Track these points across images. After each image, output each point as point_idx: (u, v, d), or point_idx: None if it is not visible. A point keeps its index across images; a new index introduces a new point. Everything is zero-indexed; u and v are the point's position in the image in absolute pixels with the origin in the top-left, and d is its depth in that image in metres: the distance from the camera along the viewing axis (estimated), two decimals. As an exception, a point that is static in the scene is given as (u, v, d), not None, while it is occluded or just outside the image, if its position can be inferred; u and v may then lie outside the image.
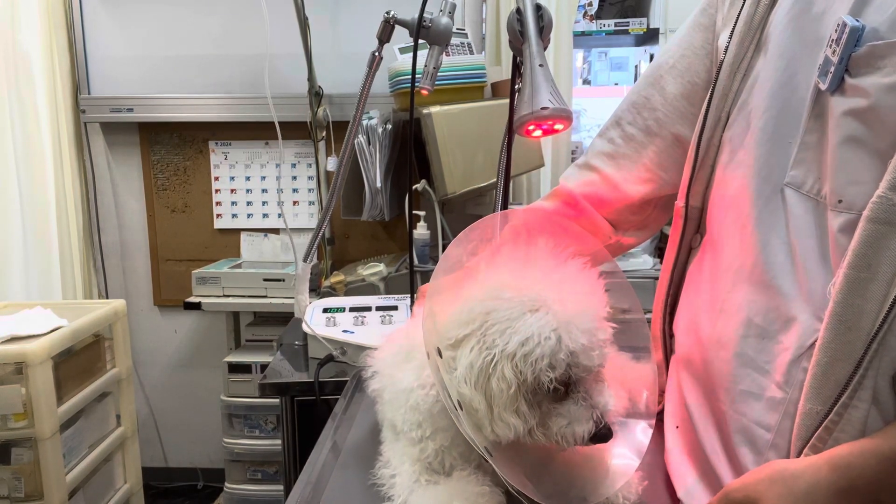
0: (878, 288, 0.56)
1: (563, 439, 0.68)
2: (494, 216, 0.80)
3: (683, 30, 0.90)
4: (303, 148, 2.49)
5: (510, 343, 0.64)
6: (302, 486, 0.82)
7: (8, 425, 1.64)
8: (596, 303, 0.68)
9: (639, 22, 2.60)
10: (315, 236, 1.53)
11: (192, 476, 2.78)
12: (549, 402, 0.68)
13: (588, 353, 0.65)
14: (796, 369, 0.64)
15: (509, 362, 0.64)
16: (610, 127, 0.98)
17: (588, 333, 0.65)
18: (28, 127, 2.19)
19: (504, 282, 0.68)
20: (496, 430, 0.67)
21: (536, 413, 0.68)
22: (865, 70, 0.59)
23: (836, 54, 0.61)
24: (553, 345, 0.64)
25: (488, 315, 0.67)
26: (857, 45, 0.59)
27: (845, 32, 0.59)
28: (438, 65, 1.25)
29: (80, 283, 2.42)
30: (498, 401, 0.66)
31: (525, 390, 0.66)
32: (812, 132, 0.66)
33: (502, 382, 0.65)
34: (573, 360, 0.65)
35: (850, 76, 0.60)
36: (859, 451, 0.57)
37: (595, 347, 0.66)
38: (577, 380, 0.67)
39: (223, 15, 2.40)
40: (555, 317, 0.65)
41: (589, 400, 0.67)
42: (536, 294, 0.66)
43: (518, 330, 0.65)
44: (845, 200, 0.61)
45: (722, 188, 0.79)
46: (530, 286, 0.67)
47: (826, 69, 0.62)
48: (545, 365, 0.64)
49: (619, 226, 1.01)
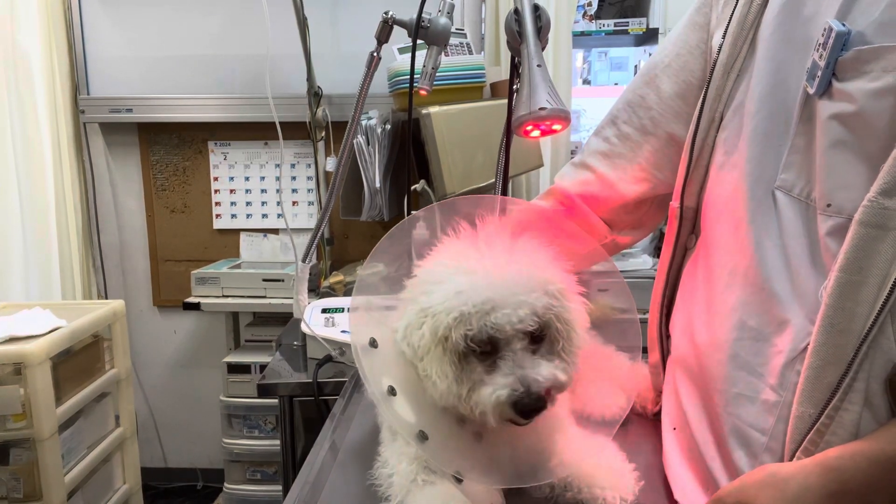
0: (868, 291, 0.56)
1: (489, 407, 0.66)
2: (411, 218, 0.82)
3: (679, 28, 0.90)
4: (302, 148, 2.49)
5: (430, 299, 0.68)
6: (300, 486, 0.82)
7: (7, 426, 1.64)
8: (532, 271, 0.69)
9: (638, 22, 2.60)
10: (314, 236, 1.53)
11: (191, 476, 2.78)
12: (481, 372, 0.68)
13: (500, 311, 0.65)
14: (790, 372, 0.64)
15: (430, 319, 0.68)
16: (605, 125, 0.98)
17: (503, 293, 0.66)
18: (27, 127, 2.19)
19: (450, 254, 0.72)
20: (428, 389, 0.69)
21: (468, 381, 0.68)
22: (852, 74, 0.59)
23: (822, 58, 0.61)
24: (463, 300, 0.66)
25: (422, 281, 0.71)
26: (844, 49, 0.59)
27: (832, 37, 0.59)
28: (437, 65, 1.24)
29: (80, 283, 2.42)
30: (422, 355, 0.68)
31: (451, 351, 0.67)
32: (801, 135, 0.66)
33: (424, 338, 0.68)
34: (488, 320, 0.66)
35: (837, 80, 0.60)
36: (850, 453, 0.57)
37: (510, 307, 0.66)
38: (505, 347, 0.67)
39: (222, 15, 2.40)
40: (471, 277, 0.67)
41: (519, 370, 0.66)
42: (468, 262, 0.69)
43: (439, 289, 0.68)
44: (834, 204, 0.61)
45: (716, 190, 0.79)
46: (470, 257, 0.70)
47: (814, 73, 0.62)
48: (451, 319, 0.66)
49: (614, 225, 1.01)
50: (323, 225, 1.52)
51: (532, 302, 0.67)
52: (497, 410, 0.66)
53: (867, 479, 0.56)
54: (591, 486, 0.74)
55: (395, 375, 0.73)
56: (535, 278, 0.68)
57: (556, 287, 0.70)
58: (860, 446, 0.57)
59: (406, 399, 0.73)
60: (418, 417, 0.71)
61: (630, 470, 0.77)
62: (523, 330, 0.67)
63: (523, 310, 0.66)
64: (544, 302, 0.68)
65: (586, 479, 0.74)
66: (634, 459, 0.79)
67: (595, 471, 0.75)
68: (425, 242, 0.77)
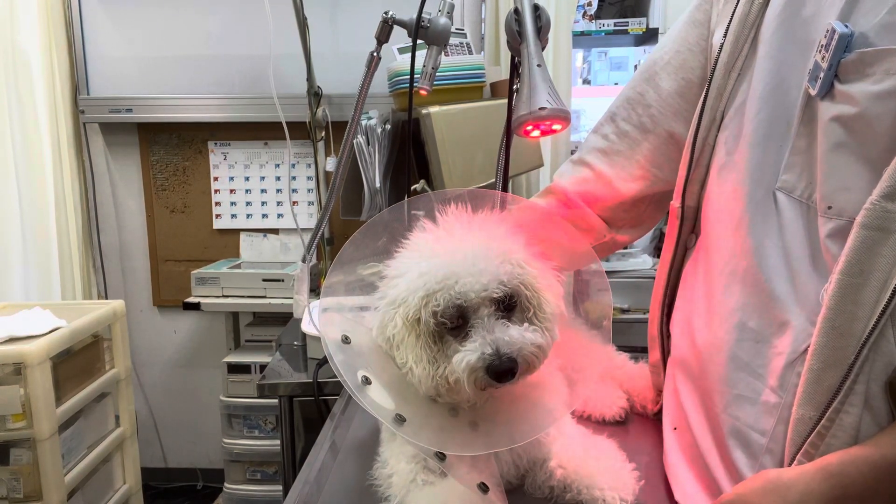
0: (869, 294, 0.56)
1: (462, 374, 0.67)
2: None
3: (678, 26, 0.90)
4: (302, 148, 2.49)
5: (397, 290, 0.70)
6: (300, 486, 0.82)
7: (7, 426, 1.64)
8: (491, 243, 0.70)
9: (638, 22, 2.60)
10: (314, 236, 1.52)
11: (191, 476, 2.78)
12: (455, 347, 0.69)
13: (463, 280, 0.67)
14: (790, 374, 0.64)
15: (401, 307, 0.70)
16: (604, 122, 0.98)
17: (464, 264, 0.68)
18: (27, 127, 2.19)
19: (413, 247, 0.74)
20: (410, 379, 0.70)
21: (444, 360, 0.69)
22: (855, 77, 0.59)
23: (825, 60, 0.60)
24: (427, 279, 0.68)
25: (389, 277, 0.74)
26: (847, 50, 0.59)
27: (834, 38, 0.59)
28: (437, 65, 1.24)
29: (79, 283, 2.42)
30: (398, 344, 0.70)
31: (425, 334, 0.69)
32: (802, 137, 0.66)
33: (397, 327, 0.70)
34: (453, 292, 0.67)
35: (839, 82, 0.60)
36: (851, 459, 0.57)
37: (472, 276, 0.67)
38: (474, 316, 0.68)
39: (221, 15, 2.40)
40: (432, 259, 0.69)
41: (489, 335, 0.67)
42: (430, 248, 0.71)
43: (404, 279, 0.71)
44: (835, 207, 0.61)
45: (716, 190, 0.78)
46: (431, 243, 0.72)
47: (816, 74, 0.62)
48: (418, 299, 0.68)
49: (612, 223, 1.01)
50: (323, 225, 1.52)
51: (493, 269, 0.68)
52: (470, 376, 0.67)
53: (869, 485, 0.56)
54: (590, 487, 0.74)
55: (378, 374, 0.74)
56: (494, 249, 0.70)
57: (518, 256, 0.71)
58: (861, 451, 0.57)
59: (395, 395, 0.74)
60: (409, 410, 0.72)
61: (630, 470, 0.76)
62: (489, 297, 0.68)
63: (485, 277, 0.68)
64: (507, 269, 0.69)
65: (586, 480, 0.74)
66: (635, 459, 0.79)
67: (595, 472, 0.75)
68: (385, 250, 0.79)
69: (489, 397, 0.73)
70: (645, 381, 0.99)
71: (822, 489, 0.57)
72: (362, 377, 0.72)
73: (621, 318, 2.25)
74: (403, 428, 0.70)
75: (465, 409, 0.74)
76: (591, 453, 0.77)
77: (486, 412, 0.74)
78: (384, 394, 0.73)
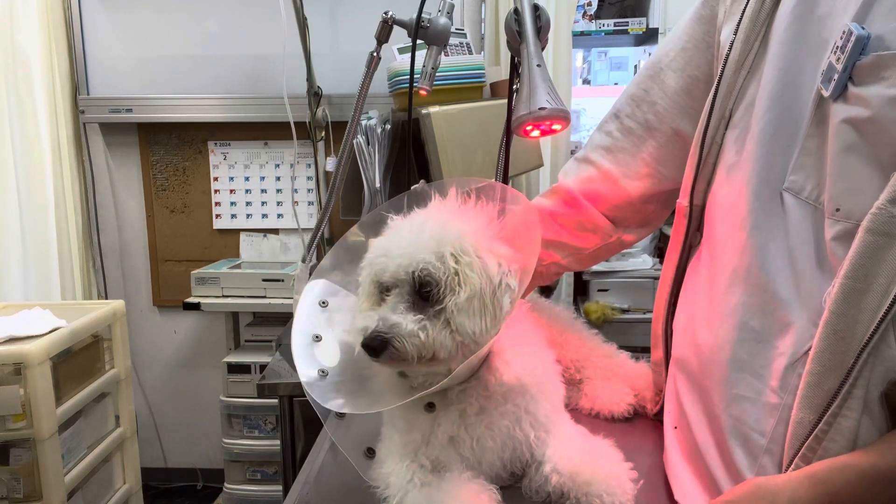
0: (872, 299, 0.56)
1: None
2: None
3: (684, 22, 0.89)
4: (302, 148, 2.49)
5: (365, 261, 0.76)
6: (300, 486, 0.82)
7: (6, 426, 1.64)
8: (437, 231, 0.72)
9: (638, 22, 2.60)
10: (314, 236, 1.52)
11: (191, 476, 2.78)
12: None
13: (384, 259, 0.71)
14: (792, 375, 0.64)
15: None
16: (608, 120, 0.97)
17: (398, 244, 0.71)
18: (27, 128, 2.19)
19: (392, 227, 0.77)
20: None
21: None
22: (869, 80, 0.58)
23: (840, 62, 0.60)
24: (373, 253, 0.74)
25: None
26: (863, 53, 0.58)
27: (851, 40, 0.58)
28: (437, 65, 1.24)
29: (79, 283, 2.42)
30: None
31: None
32: (813, 137, 0.65)
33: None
34: (377, 267, 0.72)
35: (853, 84, 0.59)
36: (840, 466, 0.57)
37: (394, 257, 0.70)
38: (388, 293, 0.72)
39: (221, 15, 2.40)
40: (386, 238, 0.74)
41: (378, 313, 0.71)
42: (393, 230, 0.75)
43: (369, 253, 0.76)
44: (843, 209, 0.60)
45: (722, 189, 0.78)
46: (398, 226, 0.76)
47: (829, 76, 0.61)
48: (366, 265, 0.74)
49: (618, 223, 1.00)
50: (323, 225, 1.52)
51: (414, 254, 0.70)
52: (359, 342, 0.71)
53: (855, 493, 0.56)
54: (588, 494, 0.73)
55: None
56: (430, 236, 0.71)
57: (457, 246, 0.70)
58: (850, 459, 0.57)
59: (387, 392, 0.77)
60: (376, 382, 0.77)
61: (627, 472, 0.76)
62: (399, 279, 0.71)
63: (402, 260, 0.70)
64: (429, 258, 0.70)
65: (583, 487, 0.73)
66: (635, 458, 0.78)
67: (591, 478, 0.74)
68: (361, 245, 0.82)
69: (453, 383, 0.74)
70: (645, 380, 0.99)
71: (809, 496, 0.56)
72: (313, 335, 0.78)
73: (622, 318, 2.25)
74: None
75: (444, 413, 0.75)
76: (587, 457, 0.76)
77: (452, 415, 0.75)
78: (334, 350, 0.79)
